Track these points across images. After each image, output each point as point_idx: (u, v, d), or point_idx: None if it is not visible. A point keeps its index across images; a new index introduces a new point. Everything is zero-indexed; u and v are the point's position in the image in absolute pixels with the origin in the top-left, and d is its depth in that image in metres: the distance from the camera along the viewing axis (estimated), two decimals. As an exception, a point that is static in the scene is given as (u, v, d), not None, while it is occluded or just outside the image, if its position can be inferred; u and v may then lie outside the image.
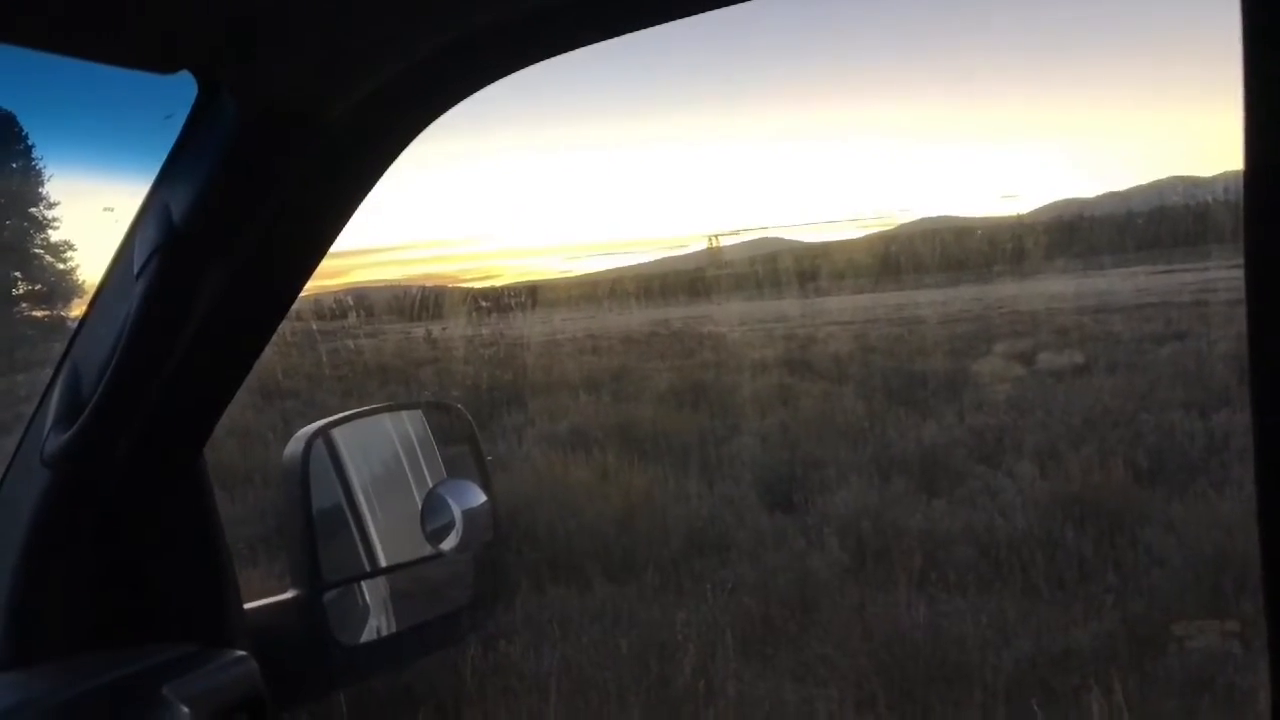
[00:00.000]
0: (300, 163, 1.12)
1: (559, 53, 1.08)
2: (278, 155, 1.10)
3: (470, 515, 1.61)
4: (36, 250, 15.81)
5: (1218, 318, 15.72)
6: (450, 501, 1.62)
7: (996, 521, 6.78)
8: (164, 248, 1.07)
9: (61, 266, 15.73)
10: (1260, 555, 0.67)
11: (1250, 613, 5.16)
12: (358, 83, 1.04)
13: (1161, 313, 17.28)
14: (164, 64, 1.00)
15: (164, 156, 1.15)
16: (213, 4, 0.91)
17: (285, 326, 1.53)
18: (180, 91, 1.09)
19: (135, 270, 1.09)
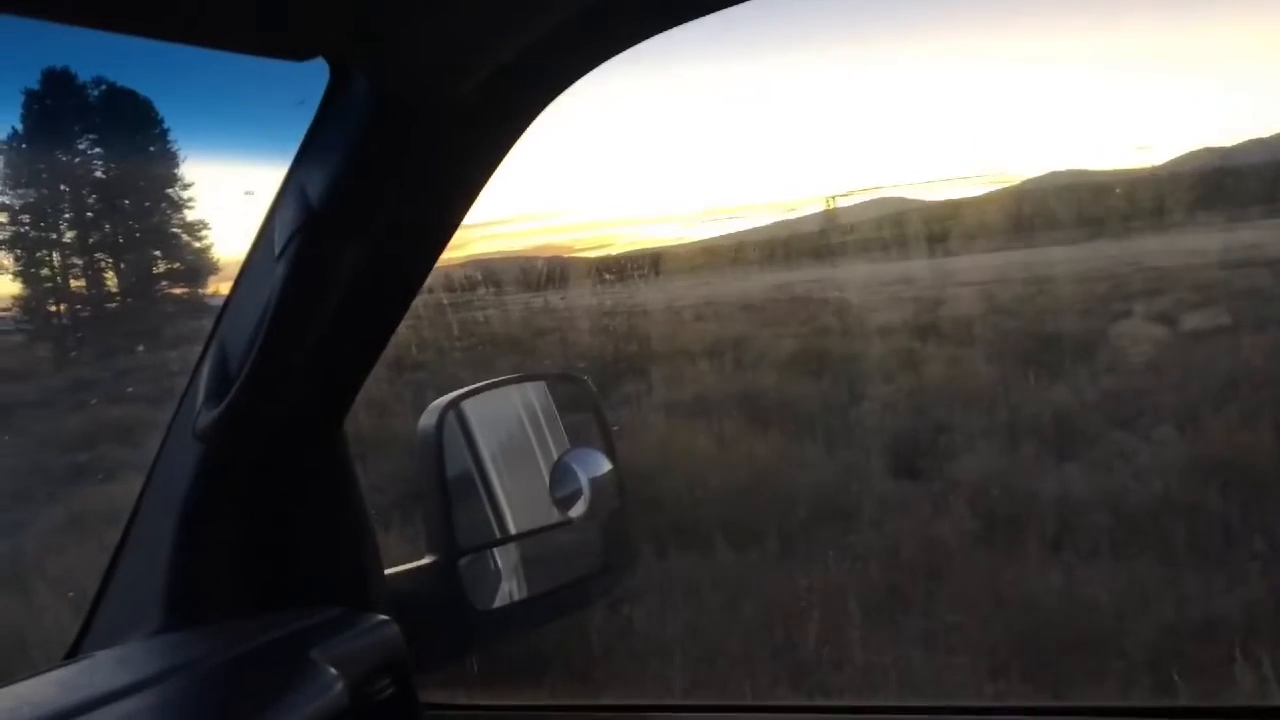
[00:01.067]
0: (430, 143, 1.14)
1: (678, 24, 1.08)
2: (408, 137, 1.13)
3: (597, 483, 1.64)
4: (174, 230, 16.51)
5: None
6: (577, 470, 1.65)
7: (1131, 486, 6.55)
8: (303, 229, 1.12)
9: (198, 245, 16.41)
10: None
11: None
12: (483, 62, 1.06)
13: (1310, 266, 16.32)
14: (297, 52, 1.03)
15: (299, 141, 1.20)
16: None
17: (416, 300, 1.57)
18: (314, 77, 1.13)
19: (276, 251, 1.14)
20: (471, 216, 1.32)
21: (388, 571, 1.48)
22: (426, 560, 1.54)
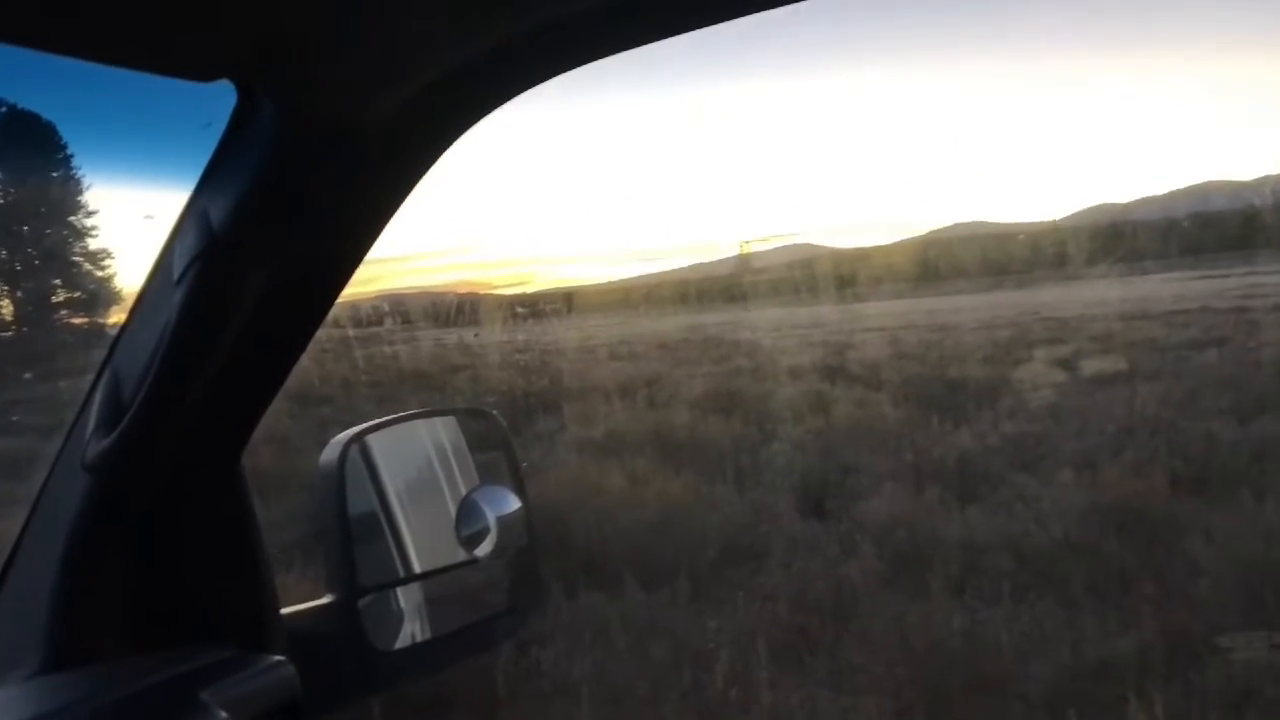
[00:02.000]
0: (339, 170, 1.12)
1: (600, 57, 1.08)
2: (316, 162, 1.10)
3: (505, 521, 1.61)
4: (76, 258, 16.03)
5: (1258, 324, 15.49)
6: (485, 507, 1.62)
7: (1032, 529, 6.71)
8: (203, 255, 1.08)
9: (100, 274, 15.95)
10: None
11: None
12: (396, 88, 1.04)
13: (1200, 319, 17.05)
14: (203, 72, 1.00)
15: (203, 164, 1.16)
16: (250, 13, 0.91)
17: (321, 332, 1.52)
18: (219, 99, 1.10)
19: (175, 277, 1.10)
20: (387, 249, 1.29)
21: (284, 611, 1.43)
22: (325, 599, 1.49)
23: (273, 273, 1.15)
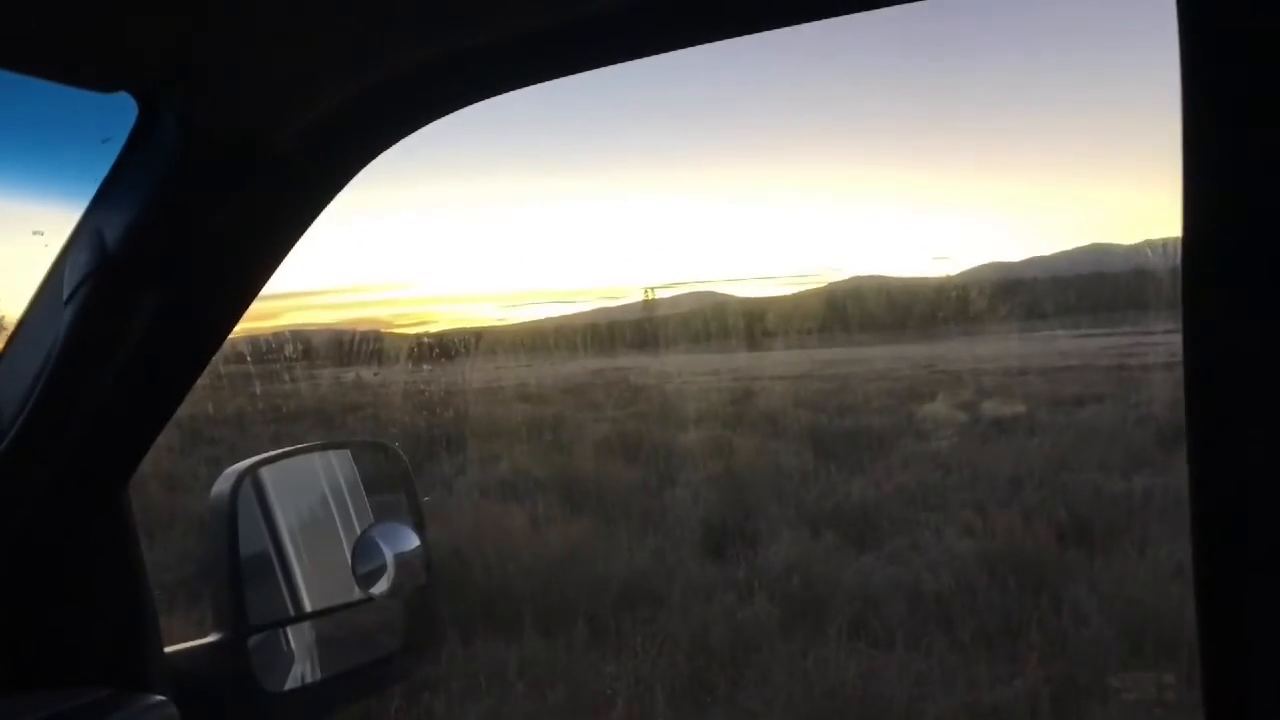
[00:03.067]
0: (240, 193, 1.09)
1: (506, 90, 1.08)
2: (217, 184, 1.07)
3: (403, 559, 1.57)
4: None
5: (1135, 381, 16.14)
6: (382, 545, 1.58)
7: (924, 577, 6.84)
8: (96, 274, 1.04)
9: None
10: (1195, 605, 0.68)
11: (1171, 669, 5.25)
12: (301, 113, 1.02)
13: (1082, 375, 17.69)
14: (103, 83, 0.97)
15: (99, 180, 1.12)
16: (156, 25, 0.89)
17: (216, 365, 1.46)
18: (119, 113, 1.06)
19: (65, 296, 1.06)
20: (287, 284, 1.26)
21: (168, 649, 1.37)
22: (212, 638, 1.44)
23: (168, 295, 1.12)
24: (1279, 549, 0.64)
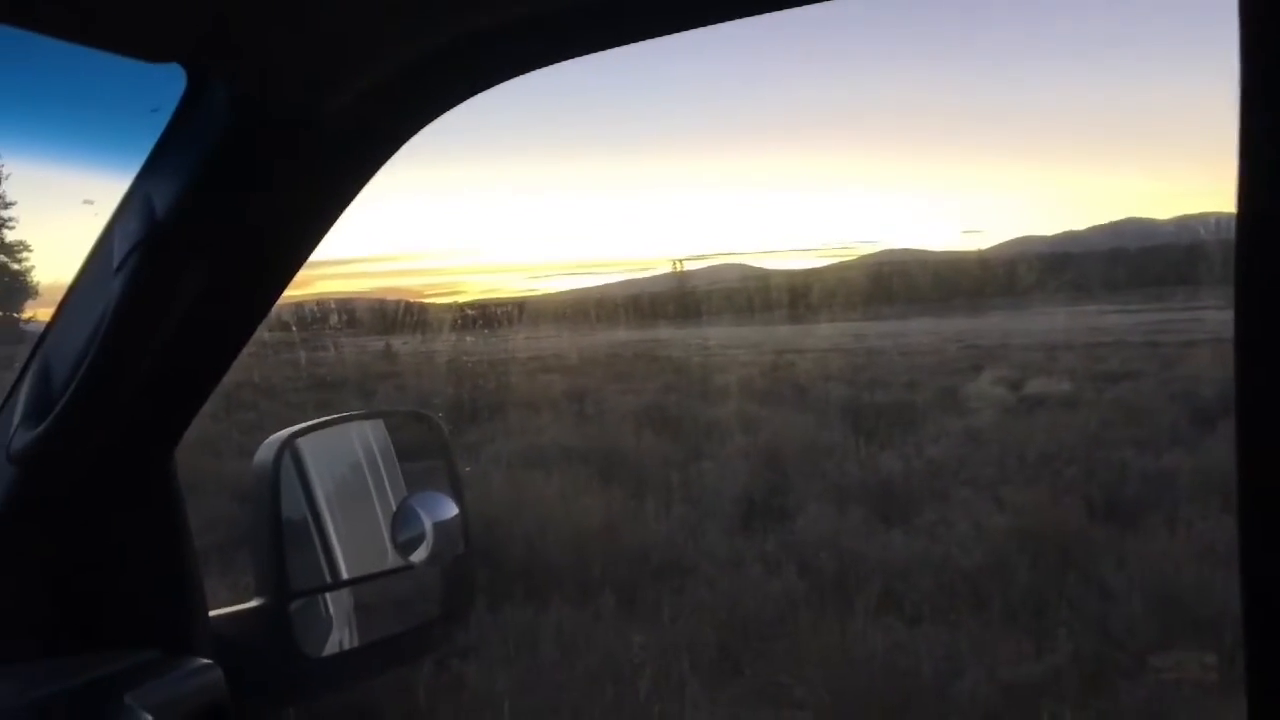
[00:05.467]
0: (288, 162, 1.10)
1: (559, 60, 1.08)
2: (266, 153, 1.08)
3: (441, 527, 1.58)
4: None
5: (1170, 358, 15.99)
6: (421, 513, 1.59)
7: (952, 552, 6.82)
8: (145, 243, 1.05)
9: (15, 267, 15.46)
10: (1240, 584, 0.67)
11: (1198, 648, 5.23)
12: (351, 81, 1.02)
13: (1115, 351, 17.54)
14: (153, 53, 0.98)
15: (148, 149, 1.13)
16: None
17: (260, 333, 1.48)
18: (168, 83, 1.07)
19: (115, 265, 1.07)
20: (319, 252, 1.27)
21: (213, 613, 1.39)
22: (255, 603, 1.46)
23: (216, 264, 1.13)
24: None
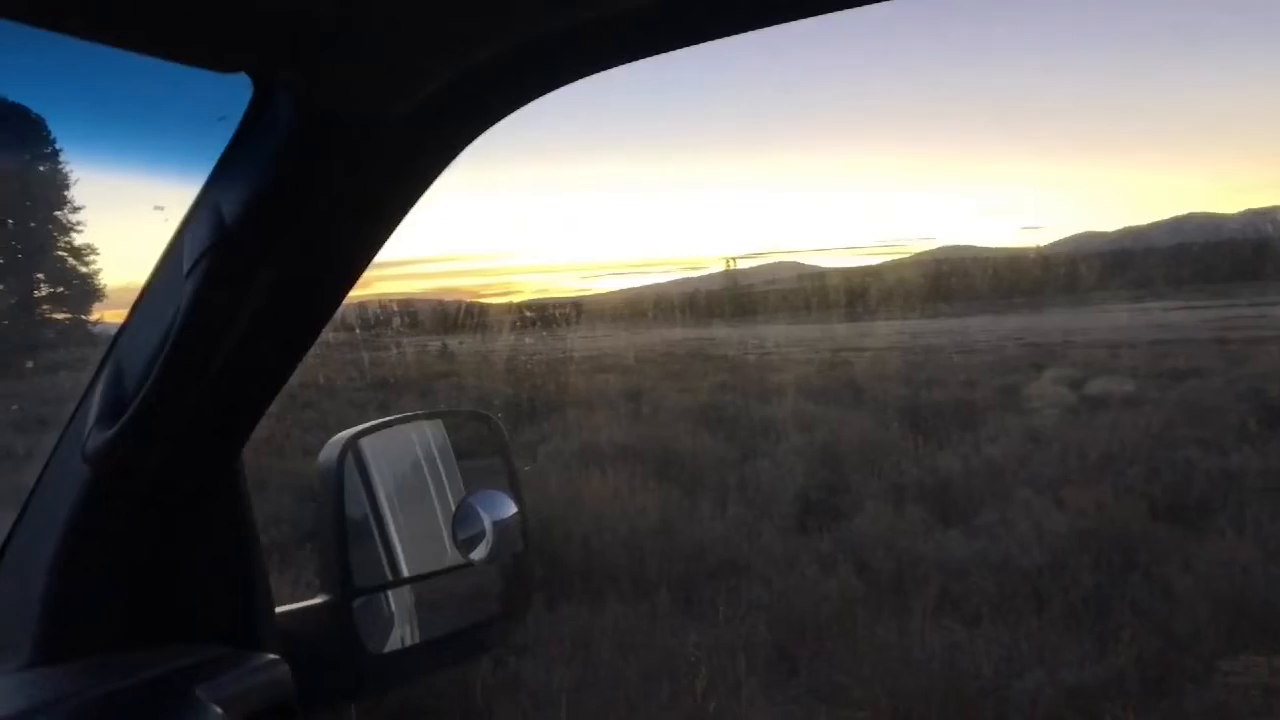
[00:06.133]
0: (353, 167, 1.12)
1: (624, 62, 1.08)
2: (331, 159, 1.10)
3: (501, 526, 1.61)
4: (60, 253, 15.90)
5: (1236, 356, 15.63)
6: (481, 512, 1.61)
7: (1012, 552, 6.73)
8: (215, 248, 1.07)
9: (85, 270, 15.83)
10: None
11: (1267, 652, 5.11)
12: (414, 87, 1.04)
13: (1180, 349, 17.17)
14: (220, 63, 1.00)
15: (216, 157, 1.16)
16: (272, 4, 0.91)
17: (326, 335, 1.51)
18: (235, 92, 1.10)
19: (185, 269, 1.09)
20: (379, 254, 1.29)
21: (278, 610, 1.42)
22: (319, 599, 1.49)
23: (283, 268, 1.15)
24: None
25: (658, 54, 1.09)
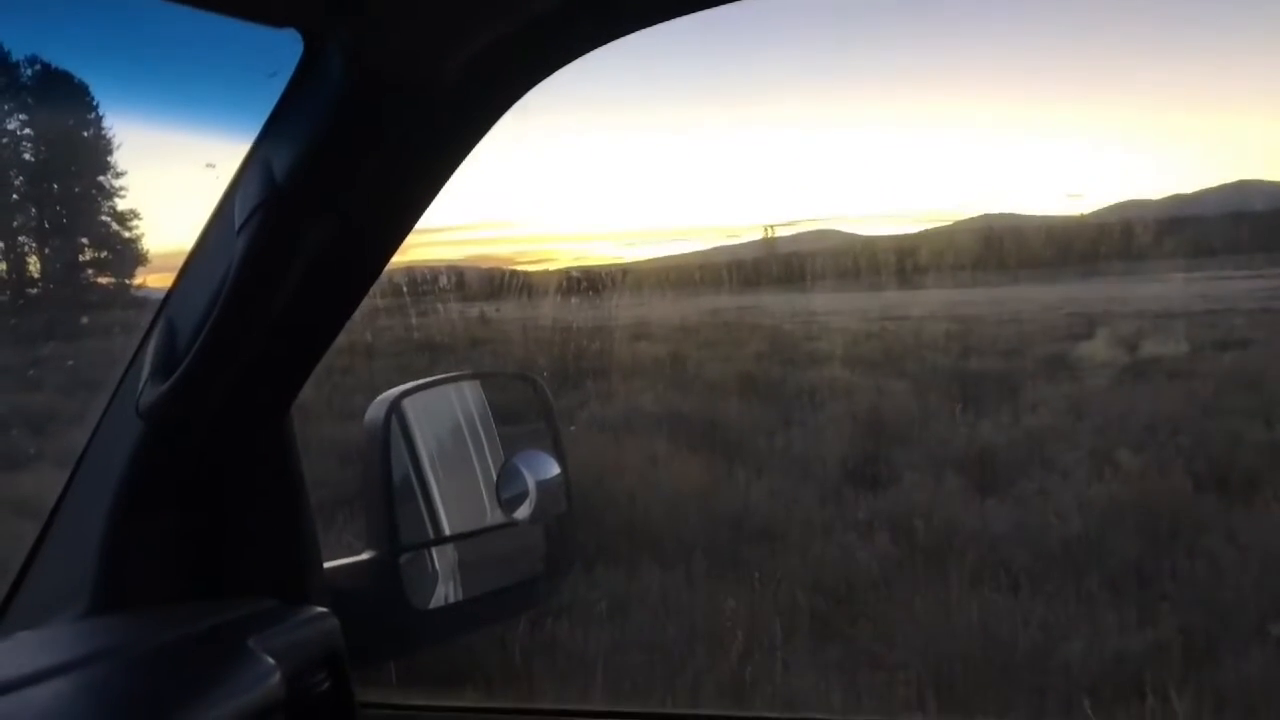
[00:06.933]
0: (402, 125, 1.12)
1: (684, 13, 1.07)
2: (380, 117, 1.10)
3: (544, 486, 1.62)
4: (104, 218, 16.11)
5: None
6: (525, 472, 1.63)
7: (1052, 522, 6.69)
8: (266, 204, 1.08)
9: (128, 234, 16.04)
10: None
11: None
12: (466, 43, 1.04)
13: (1225, 319, 16.85)
14: (271, 19, 1.00)
15: (266, 114, 1.16)
16: None
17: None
18: (286, 48, 1.10)
19: (236, 226, 1.10)
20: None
21: (327, 565, 1.44)
22: (366, 556, 1.51)
23: (332, 225, 1.16)
24: None
25: (727, 3, 1.07)
